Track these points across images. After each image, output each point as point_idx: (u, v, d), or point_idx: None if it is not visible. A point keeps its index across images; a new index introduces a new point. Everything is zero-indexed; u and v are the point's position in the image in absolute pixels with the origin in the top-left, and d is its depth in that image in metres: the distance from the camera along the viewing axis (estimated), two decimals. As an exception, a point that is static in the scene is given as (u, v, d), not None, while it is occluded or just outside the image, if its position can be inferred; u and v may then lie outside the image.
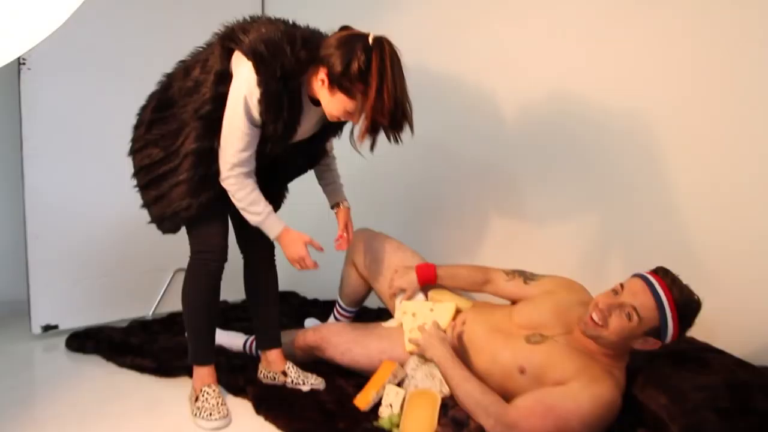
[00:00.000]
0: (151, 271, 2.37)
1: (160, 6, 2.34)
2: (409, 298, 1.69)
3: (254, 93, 1.30)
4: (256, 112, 1.33)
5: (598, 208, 1.85)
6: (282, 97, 1.32)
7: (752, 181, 1.55)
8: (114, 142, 2.17)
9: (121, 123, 2.17)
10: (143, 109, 1.53)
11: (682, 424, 1.17)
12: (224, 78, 1.35)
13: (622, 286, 1.31)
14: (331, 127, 1.58)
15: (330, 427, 1.34)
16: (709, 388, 1.21)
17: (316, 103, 1.43)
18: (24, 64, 1.97)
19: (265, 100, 1.30)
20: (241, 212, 1.44)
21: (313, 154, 1.63)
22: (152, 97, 1.51)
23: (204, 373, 1.52)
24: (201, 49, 1.47)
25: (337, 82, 1.29)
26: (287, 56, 1.30)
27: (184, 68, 1.46)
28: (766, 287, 1.52)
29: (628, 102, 1.75)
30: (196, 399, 1.47)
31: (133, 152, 1.50)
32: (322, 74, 1.31)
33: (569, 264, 1.79)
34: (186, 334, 1.79)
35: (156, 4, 2.32)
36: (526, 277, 1.60)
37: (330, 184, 1.72)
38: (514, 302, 1.60)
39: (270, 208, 1.45)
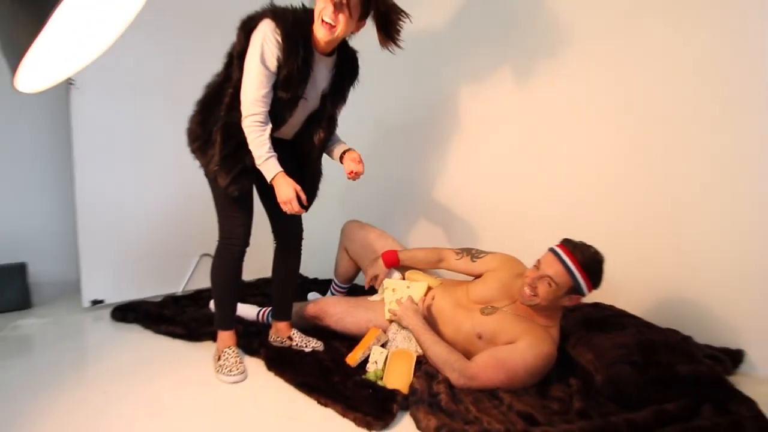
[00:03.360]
0: (181, 255, 2.35)
1: (191, 35, 2.29)
2: (383, 280, 1.68)
3: (271, 38, 1.25)
4: (272, 56, 1.27)
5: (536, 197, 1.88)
6: (298, 37, 1.28)
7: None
8: (149, 149, 2.18)
9: (155, 133, 2.18)
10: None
11: (604, 375, 1.21)
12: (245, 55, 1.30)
13: (539, 261, 1.33)
14: (337, 92, 1.48)
15: (327, 380, 1.35)
16: (625, 346, 1.24)
17: (325, 54, 1.38)
18: (72, 84, 1.95)
19: (285, 41, 1.25)
20: (252, 147, 1.33)
21: (324, 121, 1.49)
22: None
23: (226, 337, 1.51)
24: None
25: None
26: (294, 9, 1.31)
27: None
28: (663, 260, 1.57)
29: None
30: (219, 358, 1.46)
31: (187, 137, 1.44)
32: None
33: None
34: (211, 305, 1.78)
35: (186, 33, 2.28)
36: (473, 255, 1.60)
37: (333, 144, 1.56)
38: (475, 276, 1.60)
39: (272, 154, 1.32)
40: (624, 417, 1.05)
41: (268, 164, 1.32)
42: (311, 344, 1.59)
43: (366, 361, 1.47)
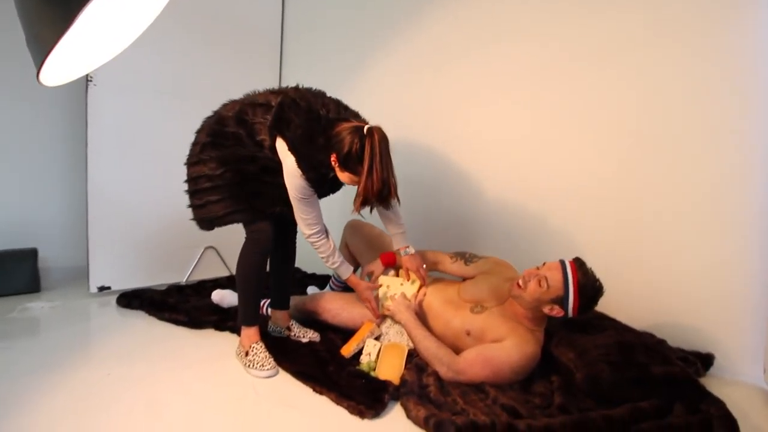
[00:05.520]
0: (187, 247, 2.34)
1: (204, 40, 2.32)
2: (377, 277, 1.69)
3: (303, 184, 1.35)
4: (307, 191, 1.37)
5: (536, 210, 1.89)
6: (321, 177, 1.37)
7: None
8: (159, 144, 2.19)
9: (165, 130, 2.19)
10: (199, 132, 1.47)
11: (584, 373, 1.22)
12: (273, 150, 1.37)
13: (544, 263, 1.33)
14: None
15: (322, 370, 1.35)
16: (604, 346, 1.25)
17: None
18: (91, 81, 1.94)
19: (309, 183, 1.35)
20: (323, 261, 1.50)
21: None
22: (206, 125, 1.45)
23: (252, 332, 1.44)
24: (254, 105, 1.39)
25: (343, 164, 1.31)
26: (315, 147, 1.32)
27: (237, 114, 1.39)
28: (642, 270, 1.59)
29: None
30: (246, 354, 1.40)
31: (188, 164, 1.46)
32: (333, 157, 1.33)
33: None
34: (213, 296, 1.78)
35: (199, 38, 2.30)
36: (466, 259, 1.61)
37: (394, 229, 1.60)
38: (464, 279, 1.61)
39: (342, 258, 1.52)
40: (601, 413, 1.06)
41: (340, 270, 1.53)
42: (308, 335, 1.59)
43: (360, 352, 1.47)
